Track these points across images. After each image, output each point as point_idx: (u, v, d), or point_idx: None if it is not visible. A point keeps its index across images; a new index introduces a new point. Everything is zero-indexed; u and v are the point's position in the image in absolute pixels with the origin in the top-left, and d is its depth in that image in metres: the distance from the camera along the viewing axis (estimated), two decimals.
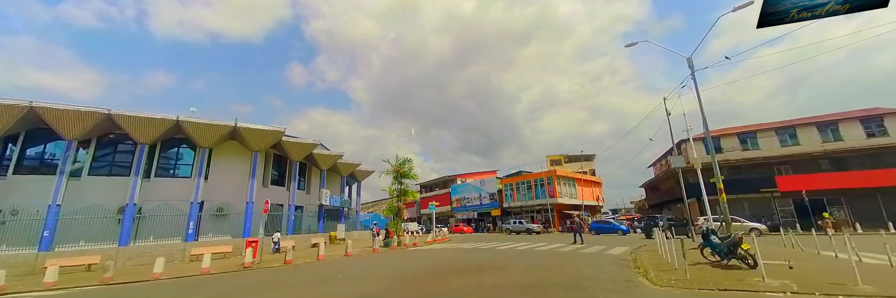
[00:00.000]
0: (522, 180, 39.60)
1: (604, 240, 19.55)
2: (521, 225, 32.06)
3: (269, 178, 23.28)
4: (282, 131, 19.89)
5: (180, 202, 17.66)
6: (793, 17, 3.40)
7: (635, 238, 21.46)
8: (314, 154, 24.40)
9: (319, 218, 24.83)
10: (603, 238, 21.48)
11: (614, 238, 22.04)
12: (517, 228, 31.87)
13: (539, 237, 24.02)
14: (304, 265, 12.12)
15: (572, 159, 58.37)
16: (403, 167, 18.46)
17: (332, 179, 30.43)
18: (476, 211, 45.07)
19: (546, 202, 35.47)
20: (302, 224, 24.05)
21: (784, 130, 28.70)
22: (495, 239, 22.32)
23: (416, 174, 19.11)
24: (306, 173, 27.80)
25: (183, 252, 16.78)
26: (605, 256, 11.53)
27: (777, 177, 27.14)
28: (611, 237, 24.40)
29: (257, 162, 19.95)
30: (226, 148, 20.80)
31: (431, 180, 57.60)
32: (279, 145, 21.85)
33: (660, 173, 36.14)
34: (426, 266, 10.43)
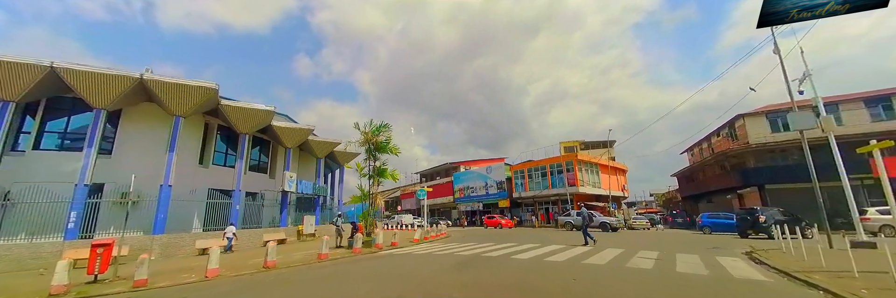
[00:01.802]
0: (536, 167, 33.89)
1: (650, 242, 13.89)
2: (589, 218, 14.61)
3: (210, 155, 17.90)
4: (213, 88, 14.37)
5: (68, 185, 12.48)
6: (793, 17, 3.47)
7: (688, 238, 15.76)
8: (274, 127, 18.95)
9: (282, 208, 19.50)
10: (639, 239, 15.78)
11: (658, 237, 16.35)
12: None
13: (558, 236, 18.43)
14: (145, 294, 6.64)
15: (589, 146, 52.30)
16: (377, 136, 12.93)
17: (306, 161, 25.04)
18: (481, 202, 39.60)
19: (565, 191, 29.79)
20: (259, 216, 18.79)
21: (876, 101, 22.45)
22: (507, 238, 16.83)
23: (396, 148, 13.58)
24: (270, 153, 22.43)
25: (60, 255, 11.51)
26: (750, 283, 5.87)
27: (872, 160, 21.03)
28: (639, 235, 18.71)
29: (179, 131, 14.52)
30: (142, 113, 15.41)
31: (432, 169, 52.10)
32: (218, 111, 16.38)
33: (707, 157, 30.03)
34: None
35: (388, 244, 13.17)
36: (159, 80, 13.56)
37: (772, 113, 24.19)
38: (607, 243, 12.66)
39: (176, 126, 14.37)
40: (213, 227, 15.89)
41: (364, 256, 10.52)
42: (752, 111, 24.68)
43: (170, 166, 13.91)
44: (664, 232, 22.80)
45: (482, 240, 15.39)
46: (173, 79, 13.74)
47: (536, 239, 14.66)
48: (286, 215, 19.52)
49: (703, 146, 33.42)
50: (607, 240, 13.90)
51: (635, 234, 20.30)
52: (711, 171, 31.00)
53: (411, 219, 32.31)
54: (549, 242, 13.13)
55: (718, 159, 27.78)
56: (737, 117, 25.19)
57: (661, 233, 21.97)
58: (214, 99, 15.24)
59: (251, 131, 17.70)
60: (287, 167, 20.20)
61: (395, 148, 13.53)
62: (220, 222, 15.90)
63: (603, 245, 11.57)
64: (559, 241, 13.52)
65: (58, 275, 6.54)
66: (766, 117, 24.25)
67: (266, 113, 17.11)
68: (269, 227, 19.00)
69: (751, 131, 24.26)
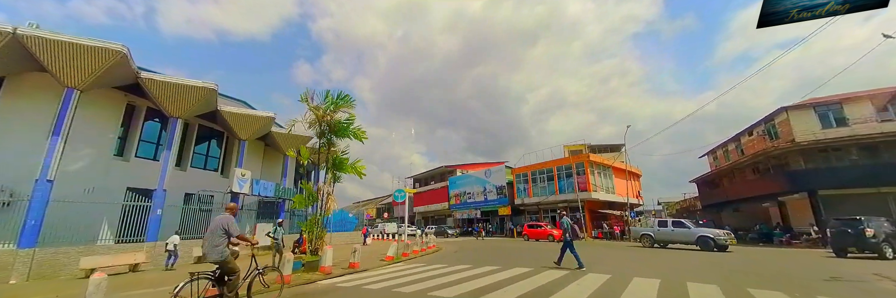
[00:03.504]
0: (541, 170, 30.11)
1: (662, 263, 10.01)
2: (573, 230, 9.11)
3: (133, 145, 14.14)
4: (118, 50, 10.64)
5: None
6: (793, 18, 3.31)
7: (710, 258, 11.82)
8: (222, 113, 15.26)
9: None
10: (720, 263, 11.94)
11: (671, 258, 12.46)
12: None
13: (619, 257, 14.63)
14: None
15: (596, 150, 48.59)
16: (331, 112, 9.12)
17: (271, 159, 21.26)
18: (479, 209, 35.65)
19: (575, 197, 25.95)
20: (195, 222, 14.93)
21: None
22: (520, 255, 12.97)
23: (362, 132, 9.75)
24: (225, 148, 18.67)
25: None
26: None
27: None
28: (631, 253, 14.78)
29: (77, 110, 10.80)
30: (38, 86, 11.69)
31: (425, 173, 48.17)
32: (139, 87, 12.66)
33: (739, 159, 26.27)
34: None
35: (346, 265, 9.28)
36: (40, 36, 9.87)
37: (821, 105, 20.60)
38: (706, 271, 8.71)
39: (66, 101, 10.61)
40: (131, 238, 12.05)
41: (295, 291, 6.67)
42: (797, 104, 21.08)
43: (51, 154, 10.11)
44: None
45: (483, 259, 11.52)
46: (57, 35, 10.04)
47: (542, 258, 10.52)
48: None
49: (728, 148, 29.73)
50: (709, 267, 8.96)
51: (688, 255, 12.91)
52: (741, 175, 27.22)
53: (395, 227, 27.84)
54: (621, 267, 9.06)
55: (754, 161, 24.03)
56: (778, 111, 21.56)
57: (726, 255, 13.50)
58: (126, 68, 11.51)
59: (186, 116, 13.97)
60: (239, 163, 16.39)
61: (360, 131, 9.73)
62: (142, 232, 12.06)
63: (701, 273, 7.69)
64: (630, 266, 9.60)
65: None
66: (815, 109, 20.63)
67: (205, 91, 13.38)
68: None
69: (797, 128, 20.61)
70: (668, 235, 16.49)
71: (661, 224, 17.16)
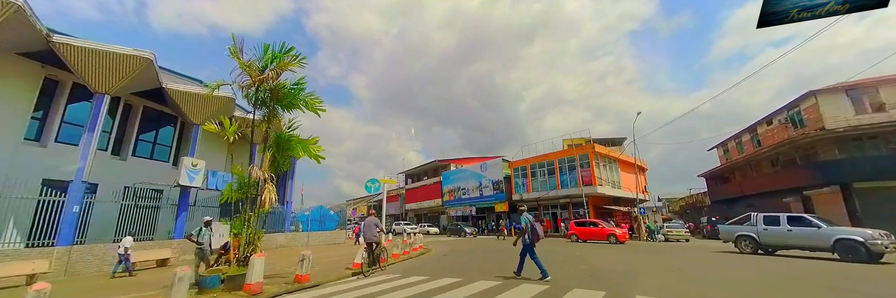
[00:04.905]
0: (542, 163, 27.86)
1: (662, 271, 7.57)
2: (533, 230, 7.24)
3: (53, 128, 11.70)
4: (11, 1, 8.16)
5: None
6: (793, 17, 3.24)
7: (714, 259, 9.40)
8: (169, 91, 12.83)
9: (179, 211, 13.23)
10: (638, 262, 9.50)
11: (655, 260, 10.20)
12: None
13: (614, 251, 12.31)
14: None
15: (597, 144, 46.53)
16: (278, 74, 6.66)
17: (241, 147, 18.78)
18: (474, 205, 33.43)
19: (579, 192, 23.75)
20: (153, 223, 12.57)
21: None
22: (500, 257, 10.77)
23: (319, 101, 7.35)
24: (179, 135, 16.26)
25: None
26: None
27: None
28: (608, 252, 12.53)
29: None
30: None
31: (417, 167, 45.78)
32: (58, 56, 10.19)
33: (757, 150, 24.16)
34: None
35: (291, 278, 6.96)
36: None
37: (854, 89, 18.48)
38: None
39: None
40: (51, 241, 9.67)
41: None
42: (827, 87, 18.94)
43: None
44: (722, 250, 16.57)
45: (484, 270, 9.26)
46: None
47: (611, 273, 7.60)
48: (185, 220, 13.22)
49: (741, 140, 27.63)
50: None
51: (822, 268, 8.83)
52: (758, 168, 25.14)
53: (381, 226, 25.17)
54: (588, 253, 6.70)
55: (776, 153, 21.91)
56: (806, 95, 19.40)
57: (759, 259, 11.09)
58: (29, 29, 9.04)
59: (118, 92, 11.53)
60: (191, 152, 13.97)
61: (314, 100, 7.33)
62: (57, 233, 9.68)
63: None
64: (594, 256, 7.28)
65: None
66: (848, 94, 18.50)
67: (137, 61, 10.92)
68: (168, 239, 12.76)
69: (826, 114, 18.47)
70: (783, 237, 11.74)
71: (769, 222, 12.28)
